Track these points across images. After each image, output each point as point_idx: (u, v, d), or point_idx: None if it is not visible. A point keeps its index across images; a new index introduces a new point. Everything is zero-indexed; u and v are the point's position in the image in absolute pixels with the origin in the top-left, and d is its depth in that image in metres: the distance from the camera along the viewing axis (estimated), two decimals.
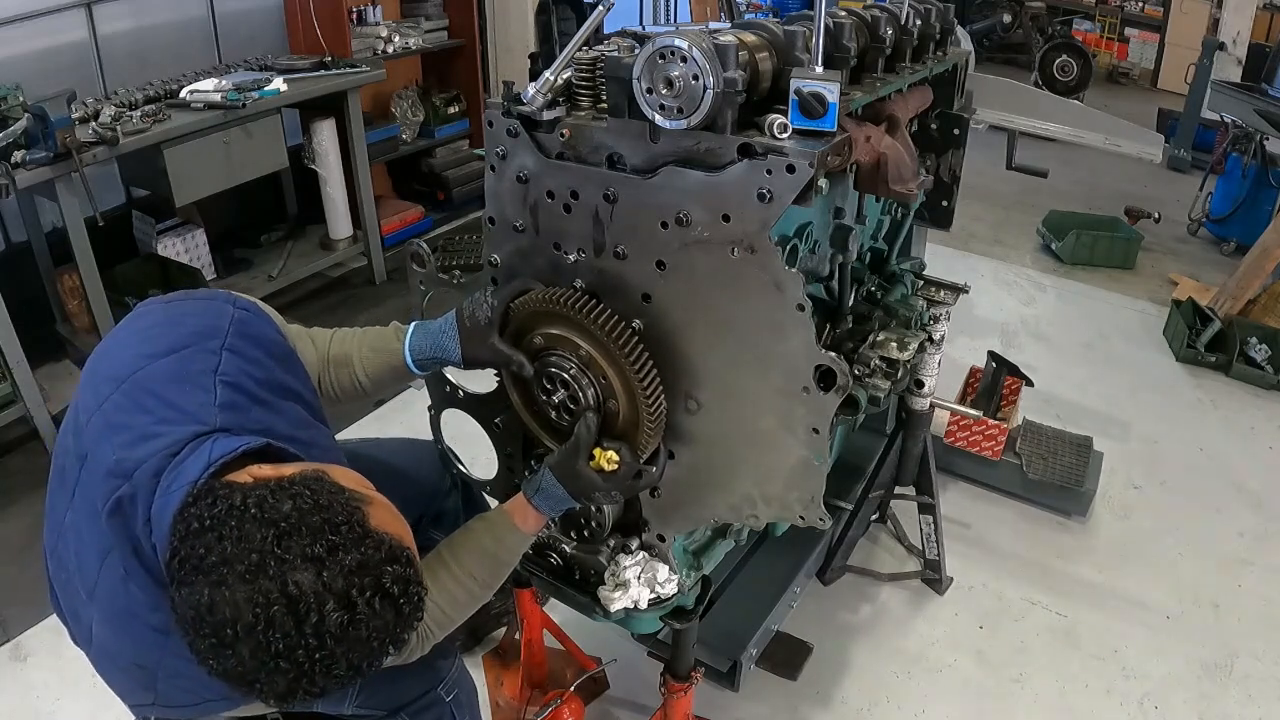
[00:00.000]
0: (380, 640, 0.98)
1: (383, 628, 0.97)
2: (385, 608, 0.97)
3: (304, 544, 0.94)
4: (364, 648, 0.96)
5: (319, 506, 0.97)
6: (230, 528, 0.94)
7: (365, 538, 0.98)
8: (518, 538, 1.40)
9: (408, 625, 1.01)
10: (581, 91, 1.32)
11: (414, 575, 1.02)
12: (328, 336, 1.47)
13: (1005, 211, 5.30)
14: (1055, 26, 9.16)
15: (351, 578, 0.94)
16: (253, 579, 0.91)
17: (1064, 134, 3.01)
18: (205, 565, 0.93)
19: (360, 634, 0.95)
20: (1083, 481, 2.77)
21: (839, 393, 1.24)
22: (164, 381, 1.10)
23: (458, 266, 1.40)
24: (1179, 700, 2.22)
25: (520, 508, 1.39)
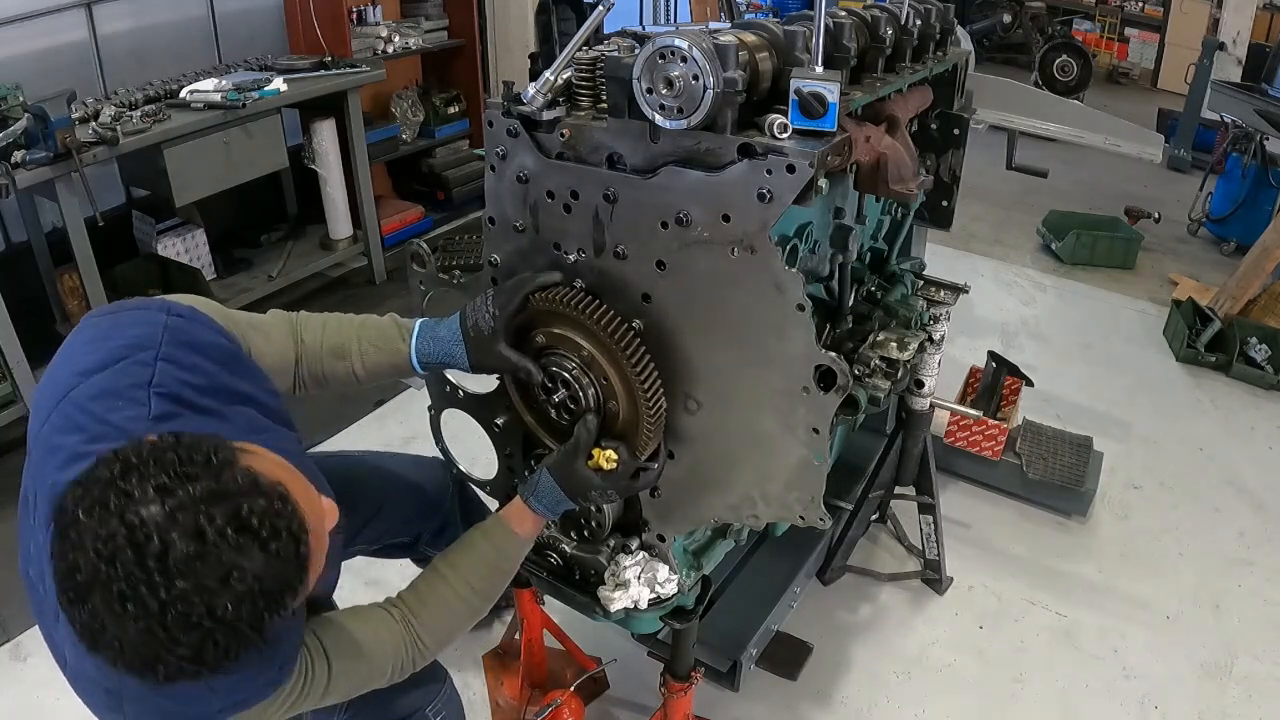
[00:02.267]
0: (245, 585, 0.86)
1: (246, 570, 0.86)
2: (246, 543, 0.86)
3: (152, 475, 0.85)
4: (225, 592, 0.85)
5: (179, 444, 0.89)
6: (88, 482, 0.87)
7: (225, 468, 0.89)
8: (515, 543, 1.40)
9: (283, 574, 0.90)
10: (581, 91, 1.33)
11: (289, 515, 0.91)
12: (319, 325, 1.39)
13: (1005, 211, 5.30)
14: (1055, 26, 9.16)
15: (200, 505, 0.85)
16: (96, 516, 0.84)
17: (1064, 134, 3.01)
18: (64, 525, 0.86)
19: (214, 571, 0.84)
20: (1083, 481, 2.77)
21: (839, 393, 1.24)
22: (96, 398, 1.04)
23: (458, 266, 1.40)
24: (1179, 700, 2.22)
25: (517, 511, 1.39)
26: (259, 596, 0.88)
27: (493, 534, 1.40)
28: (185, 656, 0.86)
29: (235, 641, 0.89)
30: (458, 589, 1.35)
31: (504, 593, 2.26)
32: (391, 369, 1.41)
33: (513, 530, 1.39)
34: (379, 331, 1.41)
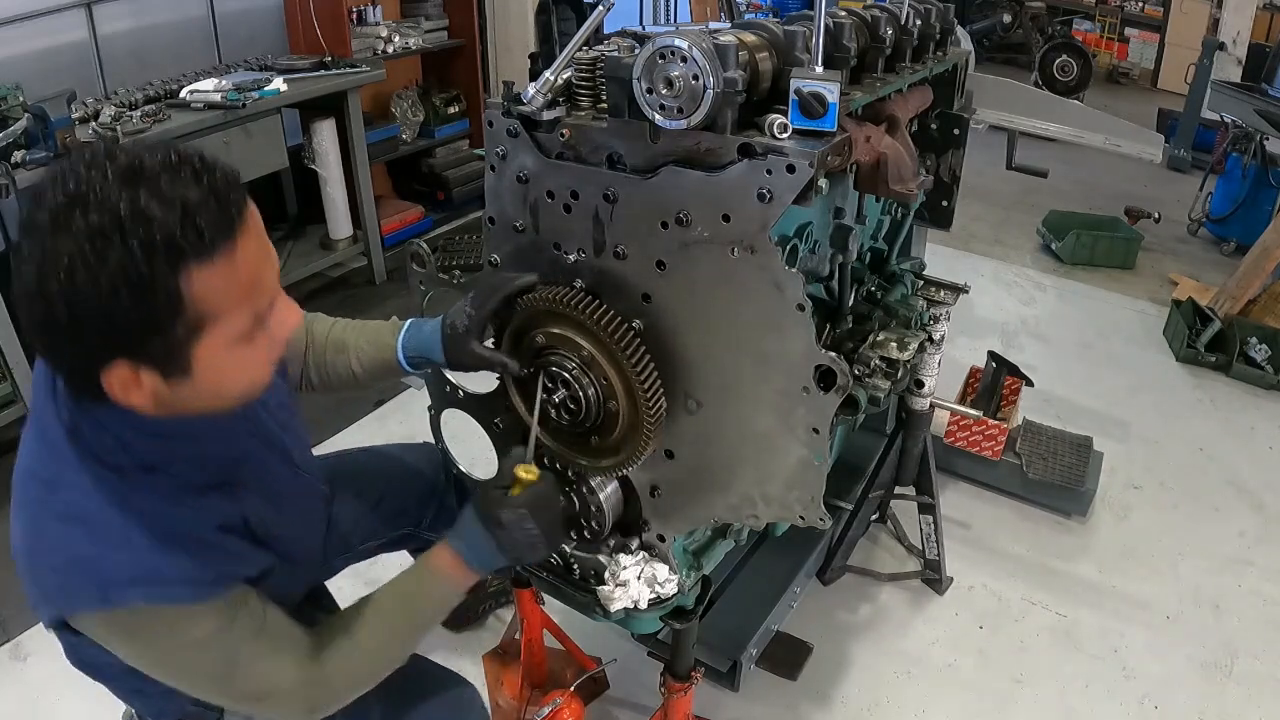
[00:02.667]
0: (175, 212, 0.84)
1: (181, 195, 0.85)
2: (185, 172, 0.88)
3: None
4: (157, 207, 0.84)
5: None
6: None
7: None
8: (435, 582, 1.29)
9: (216, 219, 0.87)
10: (581, 91, 1.33)
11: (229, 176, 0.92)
12: (328, 322, 1.48)
13: (1005, 211, 5.30)
14: (1055, 26, 9.17)
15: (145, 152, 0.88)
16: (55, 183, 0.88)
17: (1064, 134, 3.02)
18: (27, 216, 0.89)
19: (152, 188, 0.84)
20: (1083, 481, 2.77)
21: (839, 393, 1.24)
22: None
23: (458, 266, 1.40)
24: (1179, 700, 2.22)
25: (439, 551, 1.29)
26: (188, 231, 0.85)
27: (416, 574, 1.30)
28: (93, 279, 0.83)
29: (149, 287, 0.84)
30: (375, 632, 1.25)
31: (502, 589, 2.32)
32: (384, 366, 1.45)
33: (432, 570, 1.29)
34: (375, 330, 1.46)
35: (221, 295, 0.90)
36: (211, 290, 0.89)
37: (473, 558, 1.28)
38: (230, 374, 0.98)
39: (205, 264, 0.88)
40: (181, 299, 0.87)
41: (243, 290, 0.93)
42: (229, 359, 0.96)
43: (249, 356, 0.99)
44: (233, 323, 0.93)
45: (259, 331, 0.98)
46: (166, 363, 0.92)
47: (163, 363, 0.92)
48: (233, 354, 0.96)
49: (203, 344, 0.92)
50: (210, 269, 0.88)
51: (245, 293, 0.93)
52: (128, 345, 0.89)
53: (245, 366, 1.00)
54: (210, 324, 0.91)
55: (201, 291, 0.88)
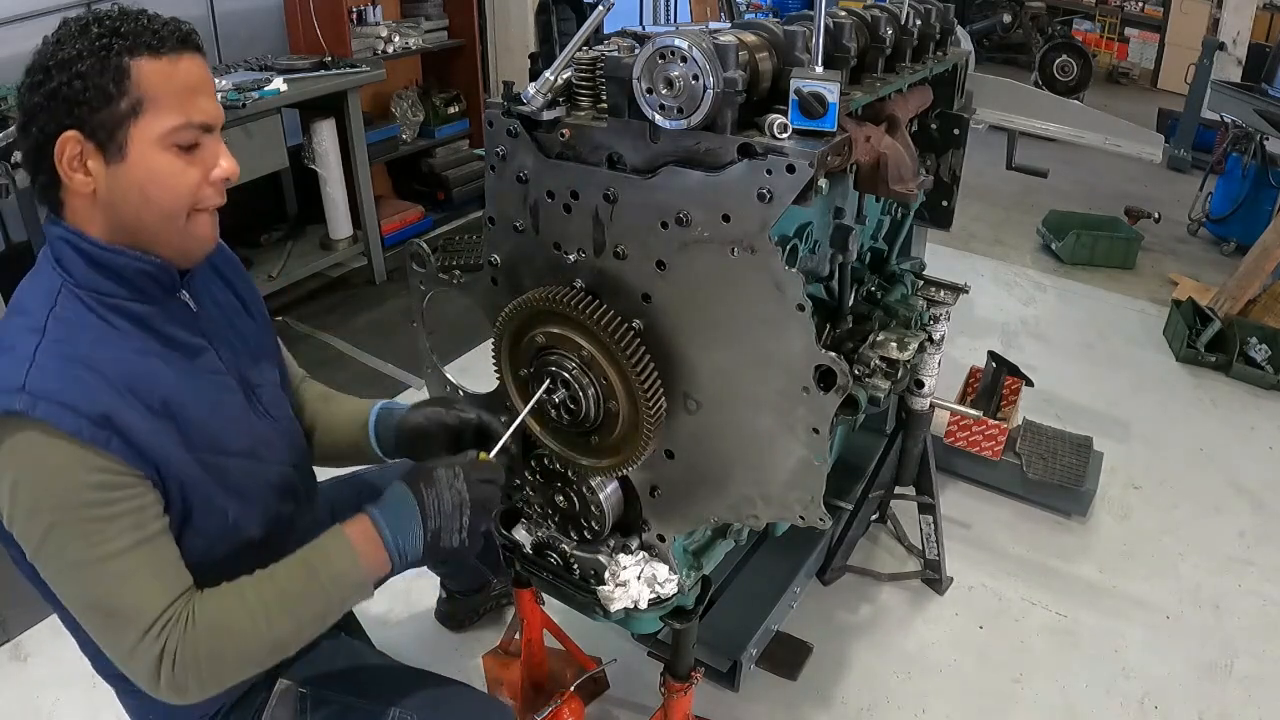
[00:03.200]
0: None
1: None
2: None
3: None
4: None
5: None
6: None
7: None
8: (335, 541, 1.18)
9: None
10: (581, 91, 1.33)
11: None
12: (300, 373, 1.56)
13: (1005, 211, 5.30)
14: (1055, 26, 9.18)
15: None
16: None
17: (1064, 134, 3.02)
18: None
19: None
20: (1083, 481, 2.77)
21: (839, 393, 1.24)
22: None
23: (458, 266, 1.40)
24: (1179, 700, 2.22)
25: (360, 523, 1.20)
26: (144, 33, 1.07)
27: (323, 544, 1.20)
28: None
29: (104, 61, 1.05)
30: (257, 581, 1.15)
31: (504, 591, 2.32)
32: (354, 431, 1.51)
33: (339, 528, 1.20)
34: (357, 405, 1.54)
35: (160, 88, 1.08)
36: (153, 81, 1.07)
37: (388, 523, 1.18)
38: (160, 173, 1.10)
39: (152, 58, 1.07)
40: (127, 77, 1.06)
41: (179, 93, 1.09)
42: (160, 158, 1.10)
43: (179, 169, 1.11)
44: (166, 117, 1.09)
45: (192, 152, 1.12)
46: (108, 141, 1.07)
47: (105, 140, 1.07)
48: (164, 155, 1.10)
49: (138, 127, 1.08)
50: (155, 63, 1.08)
51: (181, 97, 1.10)
52: (80, 114, 1.06)
53: (174, 176, 1.11)
54: (148, 110, 1.07)
55: (145, 78, 1.07)
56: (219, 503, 1.20)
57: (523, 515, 1.66)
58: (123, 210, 1.11)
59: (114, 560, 1.06)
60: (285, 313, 4.01)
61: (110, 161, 1.08)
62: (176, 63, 1.09)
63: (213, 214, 1.19)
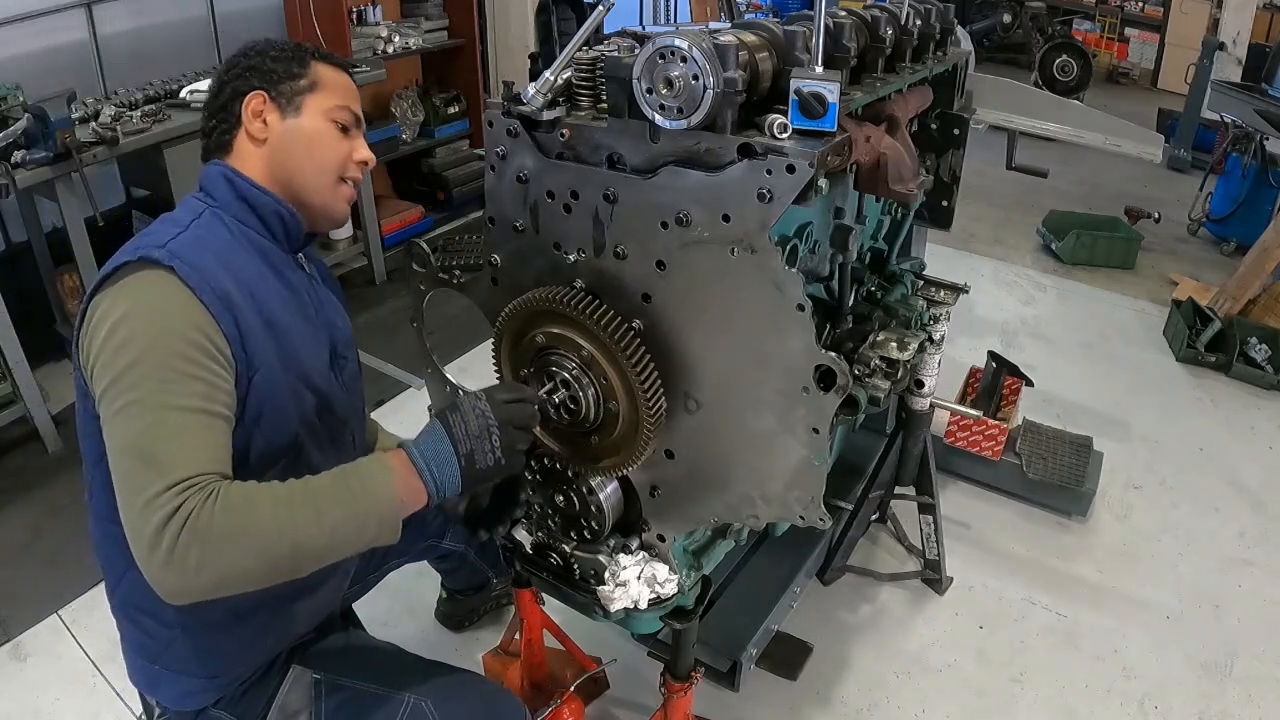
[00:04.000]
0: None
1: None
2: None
3: None
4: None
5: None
6: None
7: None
8: (378, 466, 1.16)
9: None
10: (581, 91, 1.33)
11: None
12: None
13: (1005, 211, 5.30)
14: (1055, 26, 9.18)
15: None
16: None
17: (1064, 134, 3.02)
18: None
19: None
20: (1083, 481, 2.77)
21: (839, 393, 1.24)
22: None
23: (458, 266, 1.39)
24: (1179, 700, 2.22)
25: (396, 452, 1.19)
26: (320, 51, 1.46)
27: (364, 465, 1.17)
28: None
29: (296, 56, 1.41)
30: (292, 484, 1.12)
31: (504, 591, 2.32)
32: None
33: (381, 457, 1.18)
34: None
35: (331, 81, 1.42)
36: (327, 75, 1.42)
37: (420, 452, 1.17)
38: (322, 135, 1.39)
39: (328, 65, 1.44)
40: (309, 66, 1.40)
41: (343, 88, 1.43)
42: (324, 126, 1.39)
43: (337, 138, 1.40)
44: (332, 97, 1.40)
45: (346, 133, 1.42)
46: (288, 103, 1.37)
47: (285, 102, 1.37)
48: (328, 126, 1.39)
49: (312, 98, 1.39)
50: (329, 68, 1.43)
51: (344, 91, 1.43)
52: (270, 80, 1.37)
53: (333, 141, 1.40)
54: (319, 90, 1.39)
55: (322, 72, 1.41)
56: (291, 419, 1.31)
57: (523, 515, 1.66)
58: (286, 159, 1.37)
59: (174, 413, 1.10)
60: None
61: (287, 117, 1.36)
62: (342, 74, 1.45)
63: (353, 190, 1.46)
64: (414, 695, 1.42)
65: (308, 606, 1.47)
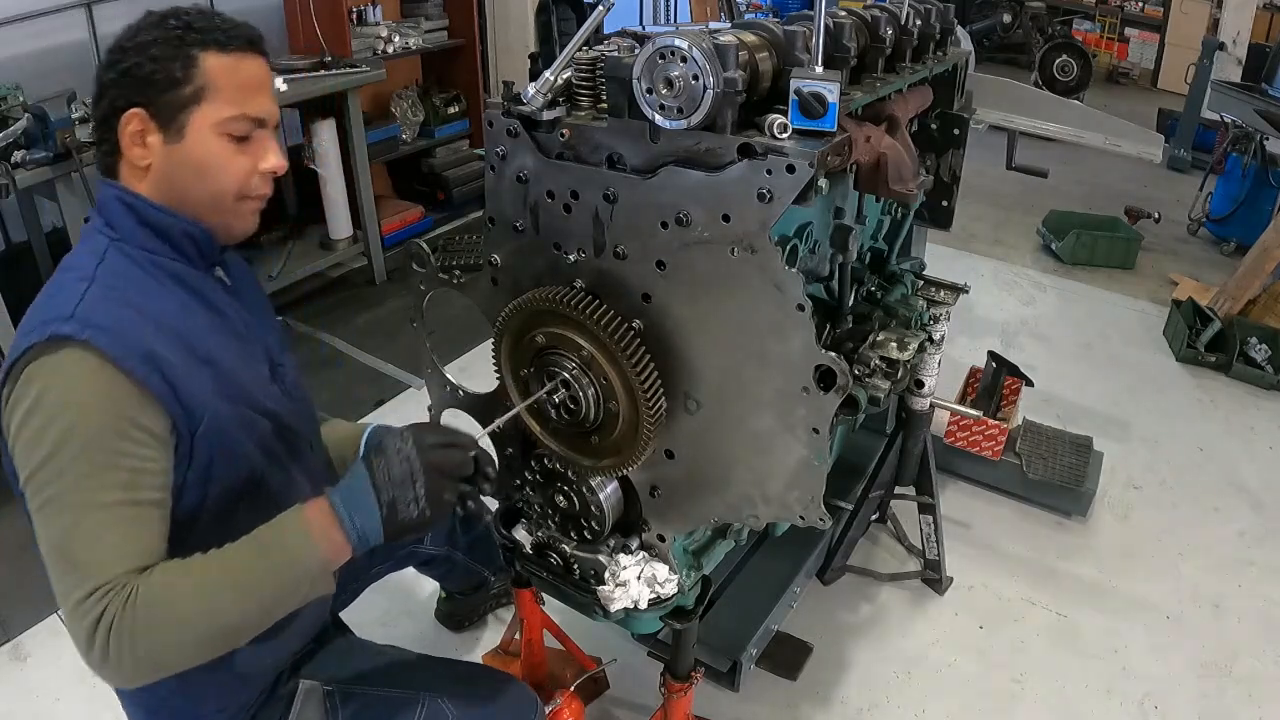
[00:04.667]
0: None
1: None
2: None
3: None
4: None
5: None
6: None
7: None
8: (292, 520, 1.12)
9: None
10: (581, 91, 1.33)
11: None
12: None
13: (1005, 211, 5.30)
14: (1055, 26, 9.17)
15: None
16: None
17: (1064, 134, 3.02)
18: None
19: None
20: (1083, 481, 2.77)
21: (839, 393, 1.24)
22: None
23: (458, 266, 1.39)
24: (1179, 700, 2.22)
25: (316, 502, 1.14)
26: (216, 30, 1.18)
27: (279, 523, 1.14)
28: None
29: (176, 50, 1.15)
30: (208, 558, 1.09)
31: (504, 591, 2.31)
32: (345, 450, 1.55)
33: (298, 508, 1.14)
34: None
35: (223, 80, 1.17)
36: (217, 73, 1.16)
37: (343, 500, 1.12)
38: (213, 155, 1.19)
39: (219, 53, 1.17)
40: (194, 65, 1.15)
41: (240, 87, 1.18)
42: (215, 143, 1.18)
43: (230, 156, 1.20)
44: (224, 107, 1.17)
45: (245, 142, 1.20)
46: (169, 122, 1.16)
47: (166, 121, 1.16)
48: (219, 141, 1.18)
49: (198, 113, 1.16)
50: (221, 58, 1.17)
51: (241, 91, 1.18)
52: (147, 93, 1.15)
53: (226, 159, 1.20)
54: (207, 98, 1.16)
55: (210, 70, 1.16)
56: (244, 453, 1.23)
57: (523, 515, 1.66)
58: (175, 184, 1.19)
59: (94, 511, 1.05)
60: (285, 313, 4.00)
61: (169, 141, 1.17)
62: (240, 60, 1.18)
63: (259, 201, 1.27)
64: (428, 694, 1.42)
65: (298, 627, 1.42)
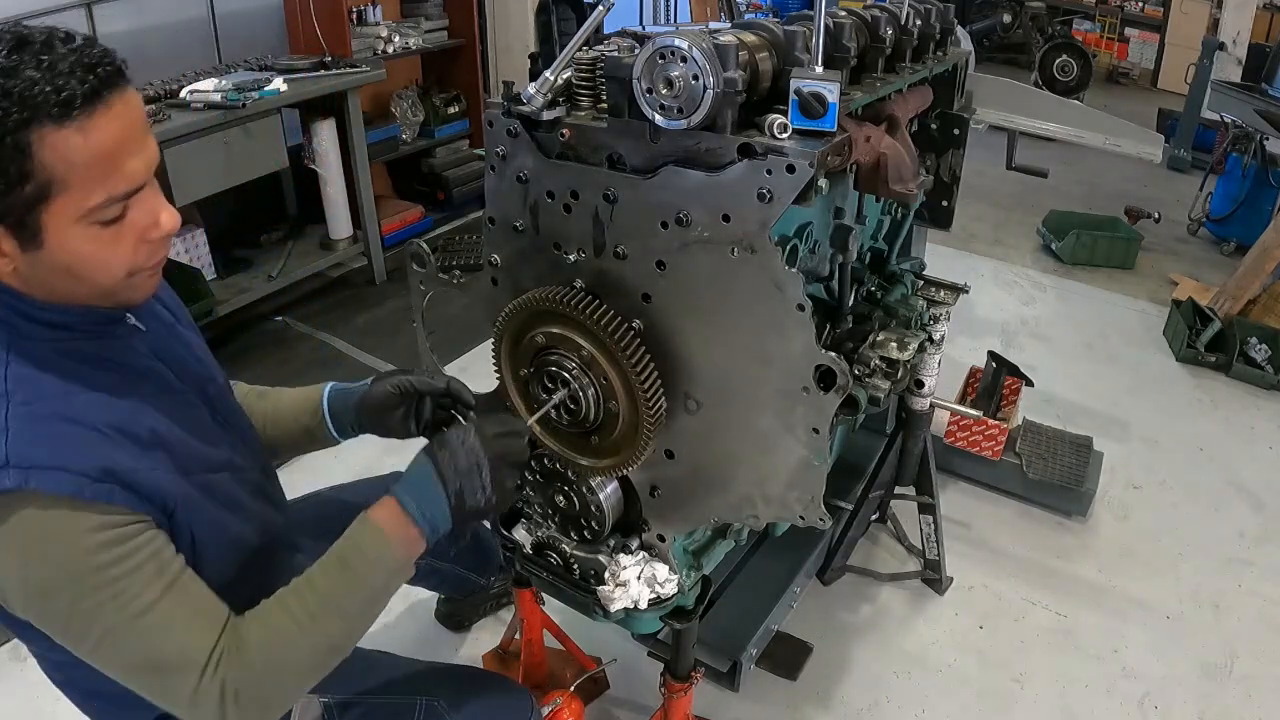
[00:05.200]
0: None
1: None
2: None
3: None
4: None
5: None
6: None
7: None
8: (366, 530, 1.15)
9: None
10: (581, 91, 1.32)
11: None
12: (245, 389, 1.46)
13: (1005, 211, 5.30)
14: (1055, 26, 9.17)
15: None
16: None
17: (1064, 134, 3.02)
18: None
19: None
20: (1083, 481, 2.77)
21: (839, 393, 1.24)
22: None
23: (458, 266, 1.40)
24: (1179, 700, 2.22)
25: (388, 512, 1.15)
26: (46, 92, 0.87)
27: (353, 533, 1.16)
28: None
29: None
30: (298, 589, 1.10)
31: (504, 591, 2.31)
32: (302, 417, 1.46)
33: (366, 517, 1.16)
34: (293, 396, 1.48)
35: (71, 164, 0.90)
36: (61, 156, 0.89)
37: (411, 497, 1.15)
38: (85, 255, 0.96)
39: (57, 127, 0.88)
40: (29, 157, 0.88)
41: (96, 163, 0.92)
42: (83, 238, 0.95)
43: (108, 243, 0.97)
44: (83, 197, 0.92)
45: (120, 221, 0.97)
46: (18, 227, 0.92)
47: (15, 226, 0.92)
48: (88, 233, 0.95)
49: (52, 211, 0.92)
50: (62, 134, 0.89)
51: (99, 168, 0.92)
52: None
53: (103, 251, 0.97)
54: (59, 191, 0.91)
55: (51, 155, 0.89)
56: (218, 520, 1.15)
57: (523, 515, 1.66)
58: (53, 286, 1.00)
59: (147, 614, 0.99)
60: (285, 313, 4.01)
61: (26, 249, 0.95)
62: (89, 127, 0.90)
63: (157, 266, 1.07)
64: (425, 698, 1.41)
65: None
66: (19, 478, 0.92)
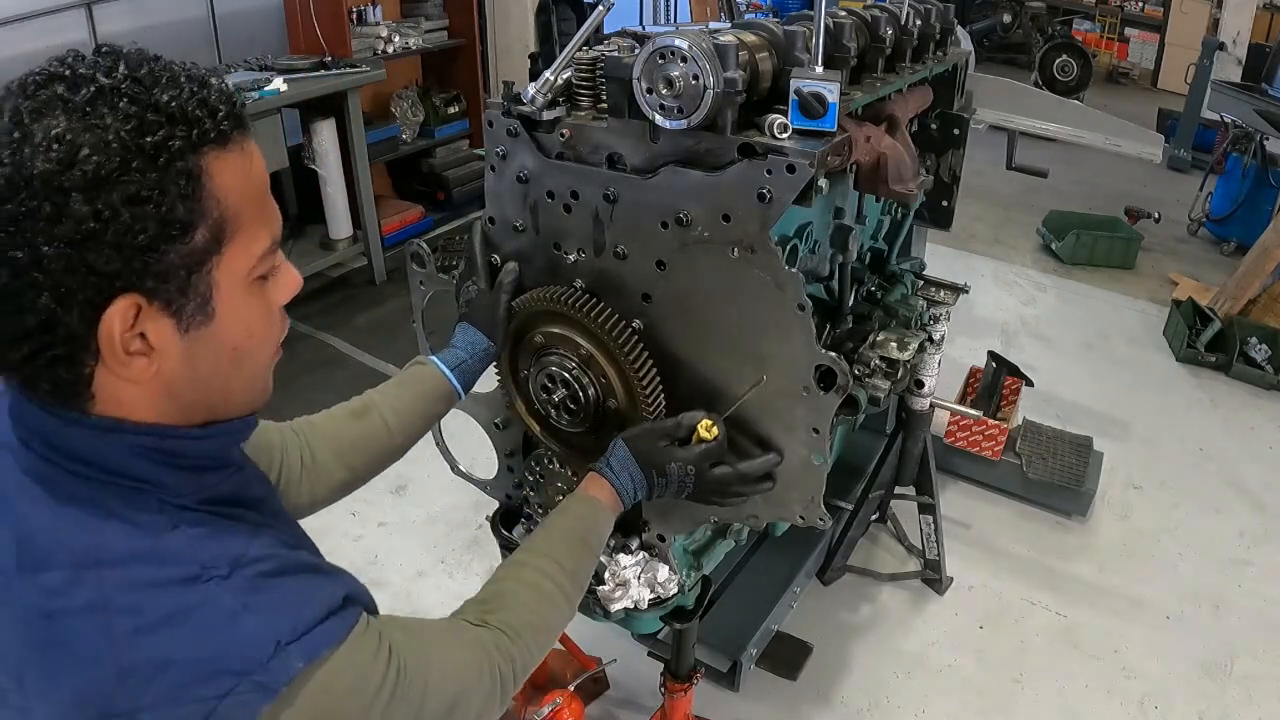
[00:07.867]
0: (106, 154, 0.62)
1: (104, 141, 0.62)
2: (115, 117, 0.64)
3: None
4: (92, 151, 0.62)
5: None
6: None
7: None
8: (598, 511, 1.22)
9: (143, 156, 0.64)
10: (581, 91, 1.32)
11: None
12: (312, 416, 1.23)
13: (1005, 211, 5.30)
14: (1055, 26, 9.19)
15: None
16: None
17: (1064, 134, 3.02)
18: None
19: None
20: (1083, 481, 2.77)
21: (839, 393, 1.24)
22: None
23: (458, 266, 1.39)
24: (1179, 700, 2.22)
25: (593, 481, 1.26)
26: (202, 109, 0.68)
27: (572, 507, 1.22)
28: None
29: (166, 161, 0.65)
30: (543, 568, 1.10)
31: None
32: (424, 399, 1.30)
33: (592, 497, 1.23)
34: (395, 379, 1.34)
35: (241, 194, 0.71)
36: (232, 183, 0.70)
37: (628, 493, 1.25)
38: (255, 324, 0.76)
39: (221, 149, 0.69)
40: (202, 185, 0.67)
41: (259, 199, 0.74)
42: (250, 302, 0.75)
43: (269, 311, 0.78)
44: (255, 240, 0.73)
45: (269, 279, 0.77)
46: (183, 293, 0.69)
47: (179, 294, 0.69)
48: (251, 294, 0.75)
49: (224, 265, 0.71)
50: (227, 157, 0.70)
51: (259, 204, 0.74)
52: (136, 261, 0.65)
53: (267, 322, 0.78)
54: (233, 234, 0.71)
55: (222, 182, 0.69)
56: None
57: (523, 515, 1.66)
58: (200, 391, 0.75)
59: (420, 671, 0.82)
60: (285, 312, 4.01)
61: (192, 326, 0.71)
62: (247, 150, 0.72)
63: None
64: None
65: None
66: (299, 653, 0.70)
